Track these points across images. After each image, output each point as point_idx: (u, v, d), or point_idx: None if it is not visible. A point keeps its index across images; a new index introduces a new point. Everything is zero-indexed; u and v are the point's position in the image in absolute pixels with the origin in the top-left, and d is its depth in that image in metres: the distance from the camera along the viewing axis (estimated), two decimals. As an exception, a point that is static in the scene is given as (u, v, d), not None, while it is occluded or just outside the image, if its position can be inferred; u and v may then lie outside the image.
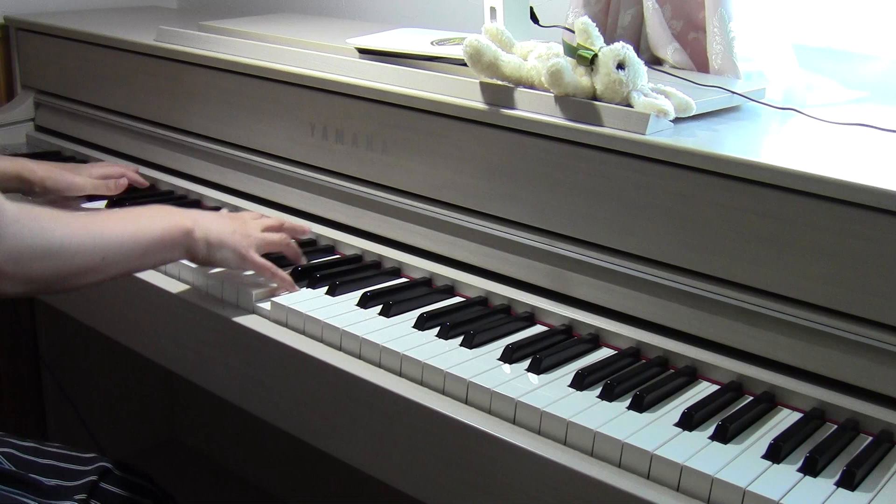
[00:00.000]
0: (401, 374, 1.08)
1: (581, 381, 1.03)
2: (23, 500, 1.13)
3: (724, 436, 0.94)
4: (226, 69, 1.58)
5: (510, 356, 1.08)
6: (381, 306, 1.20)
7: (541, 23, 1.42)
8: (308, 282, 1.27)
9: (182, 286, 1.32)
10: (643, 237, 1.13)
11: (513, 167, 1.23)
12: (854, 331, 0.99)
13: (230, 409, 1.35)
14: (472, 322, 1.17)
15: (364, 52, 1.45)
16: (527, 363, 1.07)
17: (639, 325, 1.14)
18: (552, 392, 1.02)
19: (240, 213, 1.30)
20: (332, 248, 1.42)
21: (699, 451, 0.91)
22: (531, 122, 1.20)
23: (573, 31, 1.20)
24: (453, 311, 1.20)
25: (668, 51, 1.51)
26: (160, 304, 1.33)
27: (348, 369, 1.09)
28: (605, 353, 1.13)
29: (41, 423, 2.26)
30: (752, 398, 1.03)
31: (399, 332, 1.14)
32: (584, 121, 1.16)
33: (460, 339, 1.12)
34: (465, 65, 1.25)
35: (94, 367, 2.29)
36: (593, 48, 1.16)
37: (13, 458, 1.21)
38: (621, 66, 1.14)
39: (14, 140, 1.97)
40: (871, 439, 0.96)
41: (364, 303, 1.21)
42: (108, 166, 1.64)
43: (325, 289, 1.25)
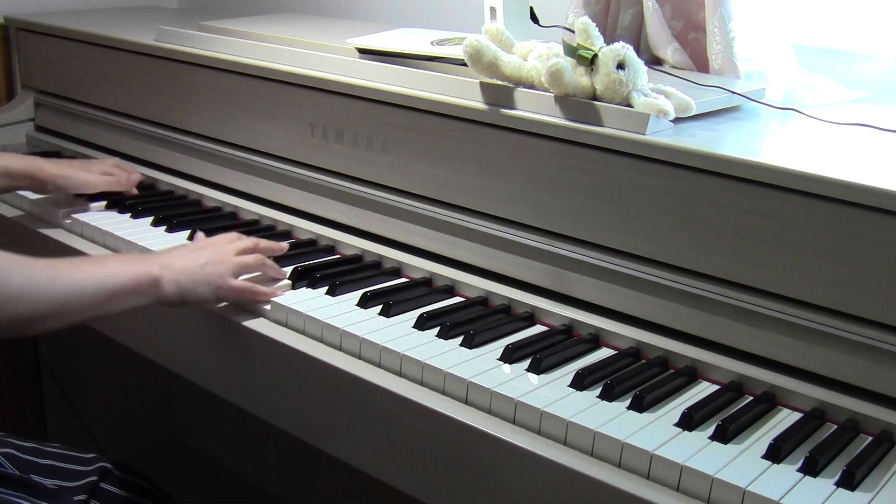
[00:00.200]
0: (401, 374, 1.08)
1: (581, 381, 1.03)
2: (24, 503, 1.13)
3: (724, 436, 0.94)
4: (226, 69, 1.58)
5: (510, 356, 1.08)
6: (381, 306, 1.20)
7: (541, 23, 1.42)
8: (308, 282, 1.27)
9: (182, 286, 1.31)
10: (643, 237, 1.13)
11: (513, 167, 1.23)
12: (854, 331, 0.99)
13: (230, 409, 1.35)
14: (472, 322, 1.17)
15: (364, 52, 1.45)
16: (527, 363, 1.07)
17: (639, 325, 1.14)
18: (552, 392, 1.02)
19: (214, 237, 1.28)
20: (332, 248, 1.42)
21: (699, 451, 0.91)
22: (531, 122, 1.20)
23: (573, 31, 1.20)
24: (453, 311, 1.20)
25: (668, 51, 1.51)
26: (160, 304, 1.33)
27: (348, 369, 1.09)
28: (605, 353, 1.13)
29: (41, 424, 2.26)
30: (752, 398, 1.03)
31: (399, 332, 1.14)
32: (584, 121, 1.16)
33: (460, 339, 1.12)
34: (465, 65, 1.25)
35: (94, 367, 2.29)
36: (593, 48, 1.16)
37: (13, 458, 1.21)
38: (621, 66, 1.14)
39: (14, 140, 1.97)
40: (871, 439, 0.96)
41: (364, 303, 1.21)
42: (115, 164, 1.65)
43: (325, 289, 1.25)
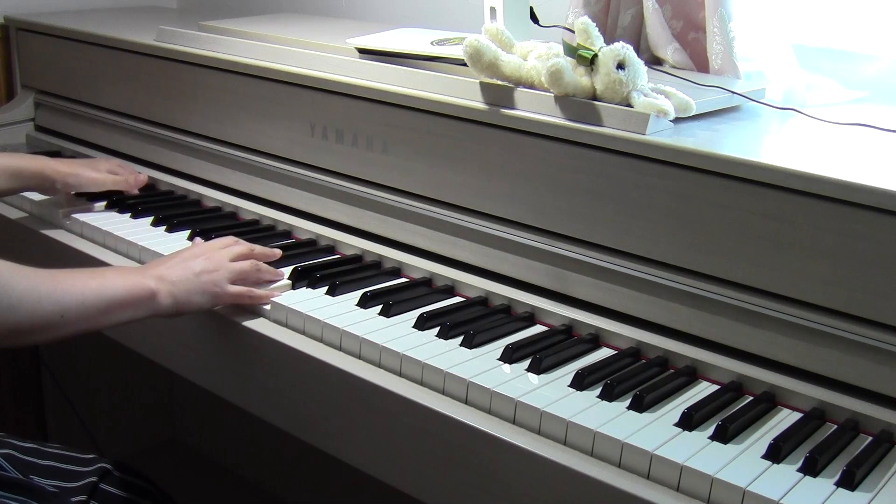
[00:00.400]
0: (401, 374, 1.08)
1: (581, 381, 1.03)
2: None
3: (724, 436, 0.94)
4: (226, 69, 1.58)
5: (510, 356, 1.08)
6: (381, 306, 1.20)
7: (541, 23, 1.42)
8: (308, 282, 1.27)
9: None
10: (643, 237, 1.13)
11: (513, 167, 1.23)
12: (854, 331, 0.99)
13: (230, 409, 1.35)
14: (472, 322, 1.17)
15: (364, 52, 1.45)
16: (527, 363, 1.07)
17: (639, 325, 1.14)
18: (552, 392, 1.01)
19: (208, 242, 1.28)
20: (332, 248, 1.42)
21: (699, 451, 0.91)
22: (531, 122, 1.20)
23: (573, 31, 1.20)
24: (453, 311, 1.20)
25: (668, 51, 1.51)
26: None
27: (348, 369, 1.09)
28: (605, 353, 1.13)
29: (41, 424, 2.26)
30: (752, 398, 1.03)
31: (399, 332, 1.14)
32: (584, 121, 1.16)
33: (460, 339, 1.12)
34: (465, 65, 1.25)
35: (94, 367, 2.29)
36: (593, 48, 1.16)
37: (13, 459, 1.21)
38: (621, 66, 1.14)
39: (14, 140, 1.97)
40: (871, 439, 0.96)
41: (364, 303, 1.21)
42: (118, 164, 1.65)
43: (325, 289, 1.25)
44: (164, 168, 1.72)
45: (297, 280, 1.28)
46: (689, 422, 0.96)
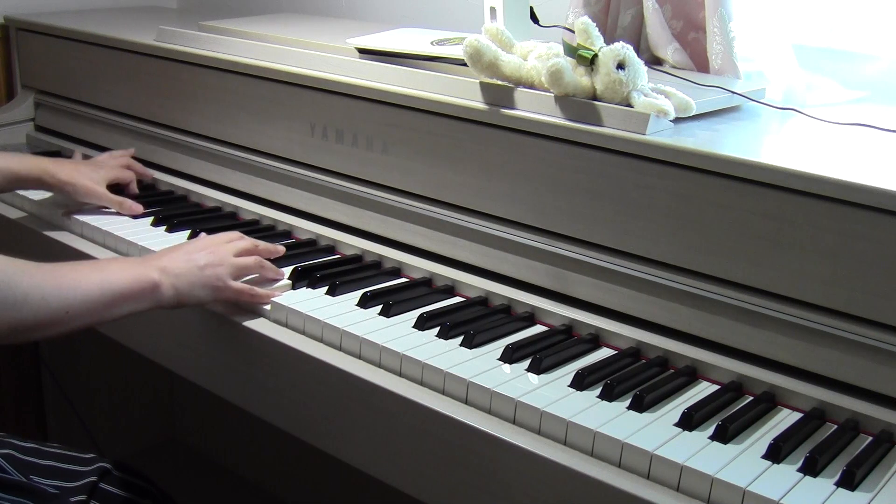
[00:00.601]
0: (401, 374, 1.08)
1: (581, 381, 1.03)
2: None
3: (724, 436, 0.94)
4: (226, 69, 1.58)
5: (510, 356, 1.08)
6: (381, 306, 1.20)
7: (541, 23, 1.42)
8: (308, 282, 1.27)
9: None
10: (643, 237, 1.13)
11: (513, 167, 1.23)
12: (854, 331, 0.99)
13: (230, 409, 1.35)
14: (472, 322, 1.17)
15: (364, 52, 1.45)
16: (527, 363, 1.07)
17: (639, 325, 1.14)
18: (552, 392, 1.01)
19: (213, 235, 1.28)
20: (332, 248, 1.42)
21: (699, 451, 0.91)
22: (531, 122, 1.20)
23: (573, 31, 1.20)
24: (453, 311, 1.20)
25: (668, 51, 1.51)
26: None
27: (348, 369, 1.09)
28: (605, 353, 1.13)
29: (41, 423, 2.26)
30: (752, 398, 1.03)
31: (399, 332, 1.14)
32: (584, 121, 1.16)
33: (460, 339, 1.12)
34: (465, 65, 1.25)
35: (94, 367, 2.29)
36: (593, 48, 1.16)
37: (13, 459, 1.21)
38: (621, 66, 1.14)
39: (14, 140, 1.97)
40: (871, 439, 0.96)
41: (364, 303, 1.21)
42: (117, 160, 1.64)
43: (325, 289, 1.25)
44: (164, 168, 1.72)
45: (297, 280, 1.28)
46: (689, 422, 0.96)
